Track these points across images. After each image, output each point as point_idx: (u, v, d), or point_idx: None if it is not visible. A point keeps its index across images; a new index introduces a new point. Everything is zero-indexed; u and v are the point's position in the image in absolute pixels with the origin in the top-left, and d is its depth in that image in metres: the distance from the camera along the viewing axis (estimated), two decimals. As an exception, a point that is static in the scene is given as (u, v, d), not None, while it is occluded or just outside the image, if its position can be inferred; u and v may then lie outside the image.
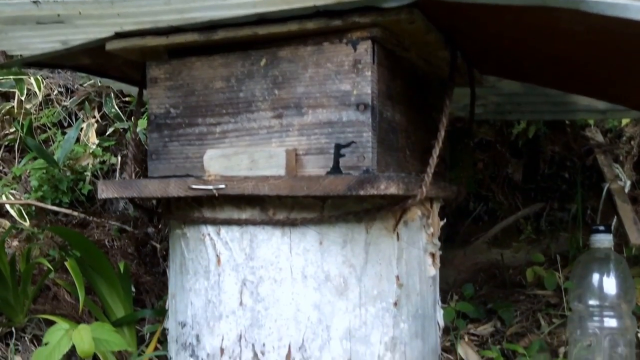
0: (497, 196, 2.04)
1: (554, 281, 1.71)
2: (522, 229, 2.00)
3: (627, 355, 1.35)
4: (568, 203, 1.97)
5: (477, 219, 2.10)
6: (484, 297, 1.79)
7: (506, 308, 1.69)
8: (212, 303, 1.13)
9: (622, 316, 1.34)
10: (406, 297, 1.14)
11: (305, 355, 1.08)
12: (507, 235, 1.99)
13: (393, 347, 1.11)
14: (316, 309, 1.08)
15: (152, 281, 1.82)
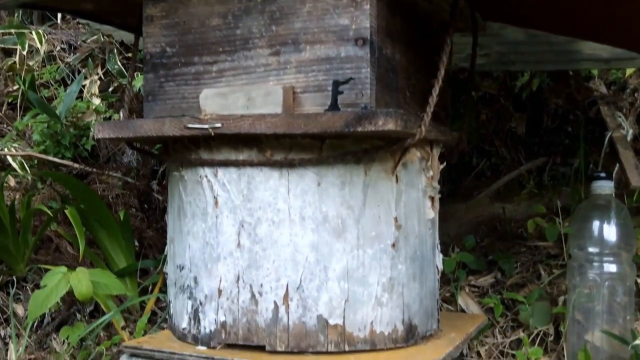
0: (500, 151, 2.03)
1: (555, 232, 1.70)
2: (524, 183, 1.98)
3: (627, 303, 1.35)
4: (571, 157, 1.95)
5: (479, 174, 2.09)
6: (485, 248, 1.79)
7: (507, 259, 1.69)
8: (210, 245, 1.12)
9: (622, 262, 1.33)
10: (404, 239, 1.13)
11: (303, 296, 1.08)
12: (509, 190, 1.98)
13: (391, 288, 1.11)
14: (314, 250, 1.08)
15: (155, 236, 1.82)
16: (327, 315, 1.08)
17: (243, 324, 1.10)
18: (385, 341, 1.12)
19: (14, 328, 1.32)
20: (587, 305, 1.38)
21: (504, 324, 1.54)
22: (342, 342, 1.09)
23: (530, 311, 1.48)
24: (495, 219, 1.92)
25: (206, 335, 1.13)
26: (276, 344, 1.08)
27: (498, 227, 1.90)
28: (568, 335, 1.39)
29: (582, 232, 1.37)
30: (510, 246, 1.78)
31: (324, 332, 1.08)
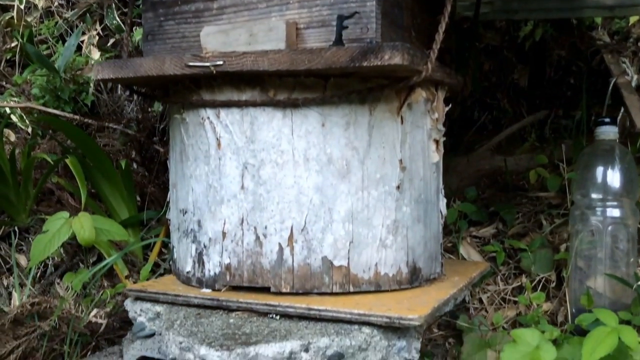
0: (502, 103, 2.01)
1: (556, 183, 1.69)
2: (526, 136, 1.97)
3: (629, 249, 1.35)
4: (573, 109, 1.94)
5: (481, 128, 2.07)
6: (486, 200, 1.78)
7: (508, 209, 1.69)
8: (213, 188, 1.11)
9: (625, 208, 1.33)
10: (409, 182, 1.12)
11: (308, 237, 1.07)
12: (510, 143, 1.97)
13: (395, 230, 1.11)
14: (318, 191, 1.07)
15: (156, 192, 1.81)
16: (331, 257, 1.08)
17: (248, 266, 1.10)
18: (389, 283, 1.12)
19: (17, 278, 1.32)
20: (589, 252, 1.37)
21: (505, 272, 1.54)
22: (347, 283, 1.09)
23: (532, 258, 1.48)
24: (496, 172, 1.91)
25: (211, 278, 1.13)
26: (281, 285, 1.08)
27: (499, 180, 1.89)
28: (570, 281, 1.39)
29: (585, 178, 1.36)
30: (512, 197, 1.77)
31: (328, 274, 1.08)
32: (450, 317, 1.40)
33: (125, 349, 1.17)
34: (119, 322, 1.26)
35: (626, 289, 1.34)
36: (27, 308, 1.08)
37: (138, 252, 1.55)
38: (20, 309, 1.07)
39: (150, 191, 1.80)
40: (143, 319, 1.13)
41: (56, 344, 1.12)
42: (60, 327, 1.12)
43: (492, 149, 1.96)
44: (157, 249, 1.43)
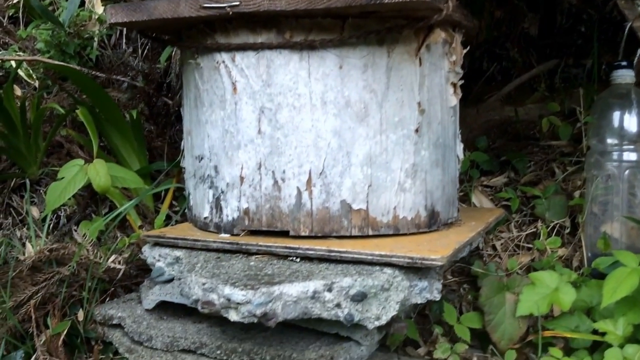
0: (512, 53, 1.99)
1: (568, 131, 1.69)
2: (535, 86, 1.96)
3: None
4: (583, 58, 1.92)
5: (490, 79, 2.05)
6: (497, 150, 1.77)
7: (520, 158, 1.68)
8: (230, 133, 1.10)
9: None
10: (427, 125, 1.11)
11: (326, 181, 1.07)
12: (520, 93, 1.95)
13: (413, 174, 1.10)
14: (336, 135, 1.06)
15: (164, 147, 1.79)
16: (350, 201, 1.08)
17: (266, 210, 1.09)
18: (408, 226, 1.11)
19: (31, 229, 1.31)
20: (604, 198, 1.37)
21: (519, 219, 1.54)
22: (366, 226, 1.09)
23: (546, 205, 1.48)
24: (506, 123, 1.90)
25: (229, 223, 1.12)
26: (300, 229, 1.08)
27: (509, 130, 1.88)
28: (585, 227, 1.39)
29: (601, 123, 1.35)
30: (523, 147, 1.77)
31: (347, 217, 1.08)
32: (464, 264, 1.41)
33: (144, 294, 1.17)
34: (135, 270, 1.26)
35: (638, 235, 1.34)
36: (45, 254, 1.08)
37: (149, 203, 1.55)
38: (38, 255, 1.07)
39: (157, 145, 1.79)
40: (162, 264, 1.13)
41: (75, 290, 1.13)
42: (79, 272, 1.12)
43: (501, 100, 1.94)
44: (169, 198, 1.43)
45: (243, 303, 0.88)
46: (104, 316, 1.15)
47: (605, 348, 1.09)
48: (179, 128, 1.85)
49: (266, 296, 0.89)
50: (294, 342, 1.05)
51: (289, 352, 1.01)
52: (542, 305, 1.14)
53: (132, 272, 1.25)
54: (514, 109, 1.87)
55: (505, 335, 1.17)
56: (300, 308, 0.91)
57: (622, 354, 1.04)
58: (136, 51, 2.10)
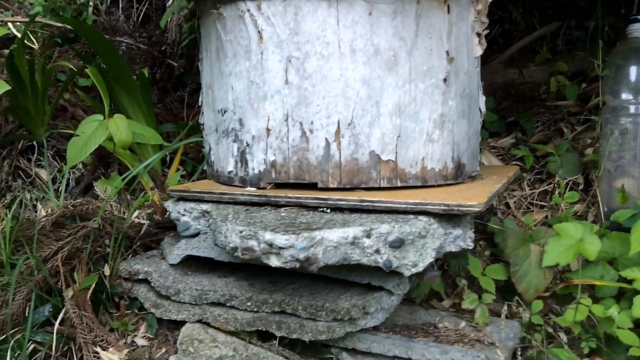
0: (514, 15, 1.98)
1: (575, 91, 1.70)
2: (538, 49, 1.96)
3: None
4: (586, 20, 1.92)
5: (491, 42, 2.04)
6: (503, 111, 1.78)
7: (528, 119, 1.69)
8: (255, 84, 1.08)
9: (658, 105, 1.33)
10: (455, 75, 1.11)
11: (355, 132, 1.06)
12: (523, 56, 1.95)
13: (441, 125, 1.10)
14: (365, 84, 1.05)
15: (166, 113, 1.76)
16: (379, 151, 1.06)
17: (294, 162, 1.08)
18: (435, 177, 1.11)
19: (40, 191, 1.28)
20: (618, 154, 1.38)
21: (531, 177, 1.55)
22: (395, 177, 1.08)
23: (559, 162, 1.49)
24: (510, 85, 1.91)
25: (255, 176, 1.11)
26: (328, 180, 1.07)
27: (513, 93, 1.88)
28: (601, 182, 1.40)
29: (617, 77, 1.36)
30: (529, 108, 1.77)
31: (376, 168, 1.07)
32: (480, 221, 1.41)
33: (168, 250, 1.15)
34: (155, 228, 1.24)
35: (655, 187, 1.35)
36: (70, 209, 1.05)
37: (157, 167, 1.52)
38: (62, 210, 1.04)
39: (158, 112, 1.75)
40: (187, 218, 1.11)
41: (99, 246, 1.10)
42: (104, 227, 1.09)
43: (504, 63, 1.94)
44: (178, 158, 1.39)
45: (286, 247, 0.87)
46: (129, 271, 1.13)
47: (631, 296, 1.11)
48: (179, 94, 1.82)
49: (308, 241, 0.87)
50: (325, 293, 1.04)
51: (321, 302, 1.01)
52: (568, 255, 1.15)
53: (151, 230, 1.23)
54: (519, 71, 1.88)
55: (531, 285, 1.18)
56: (341, 254, 0.90)
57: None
58: (129, 18, 2.06)
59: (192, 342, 1.05)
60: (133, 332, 1.12)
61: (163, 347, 1.10)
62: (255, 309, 1.05)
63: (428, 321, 1.14)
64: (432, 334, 1.10)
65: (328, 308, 1.00)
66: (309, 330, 1.01)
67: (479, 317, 1.13)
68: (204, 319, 1.08)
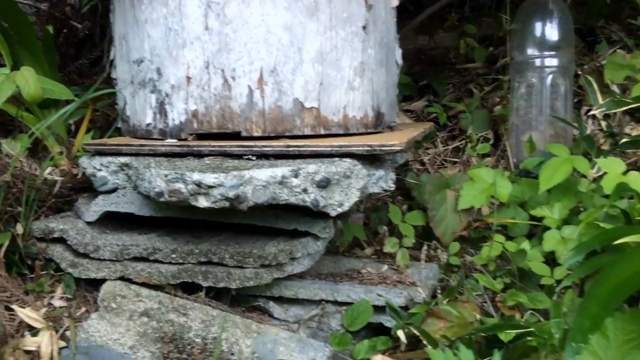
0: (423, -17, 2.03)
1: (483, 54, 1.76)
2: (446, 16, 2.02)
3: (567, 99, 1.43)
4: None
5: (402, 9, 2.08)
6: (415, 75, 1.82)
7: (439, 81, 1.74)
8: (174, 31, 1.06)
9: (563, 57, 1.40)
10: (373, 23, 1.12)
11: (278, 79, 1.05)
12: (432, 23, 2.00)
13: (362, 73, 1.11)
14: (287, 30, 1.04)
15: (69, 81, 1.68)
16: (302, 99, 1.06)
17: (216, 111, 1.06)
18: (357, 126, 1.12)
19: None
20: (525, 109, 1.45)
21: (444, 135, 1.60)
22: (318, 125, 1.08)
23: (470, 119, 1.54)
24: (421, 51, 1.96)
25: (175, 127, 1.08)
26: (252, 129, 1.06)
27: (424, 58, 1.93)
28: (510, 135, 1.46)
29: (523, 32, 1.42)
30: (440, 72, 1.83)
31: (300, 116, 1.07)
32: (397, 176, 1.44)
33: (84, 208, 1.11)
34: (67, 190, 1.18)
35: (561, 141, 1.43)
36: (-24, 164, 0.99)
37: (62, 133, 1.44)
38: (-32, 165, 0.98)
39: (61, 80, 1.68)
40: (104, 173, 1.07)
41: (10, 205, 1.04)
42: (15, 184, 1.03)
43: (415, 29, 1.99)
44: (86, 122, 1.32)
45: (215, 186, 0.85)
46: (43, 230, 1.07)
47: (541, 234, 1.17)
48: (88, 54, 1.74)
49: (238, 179, 0.86)
50: (252, 241, 1.04)
51: (248, 248, 1.00)
52: (481, 198, 1.19)
53: (63, 192, 1.17)
54: (428, 38, 1.93)
55: (448, 229, 1.22)
56: (270, 193, 0.90)
57: (560, 234, 1.11)
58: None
59: (115, 298, 1.02)
60: (50, 294, 1.07)
61: (83, 306, 1.06)
62: (180, 261, 1.02)
63: (352, 268, 1.16)
64: (357, 279, 1.12)
65: (255, 254, 0.99)
66: (236, 278, 1.00)
67: (400, 259, 1.17)
68: (126, 275, 1.04)
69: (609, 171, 1.08)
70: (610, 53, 1.61)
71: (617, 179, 1.06)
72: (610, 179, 1.06)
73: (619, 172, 1.08)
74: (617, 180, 1.06)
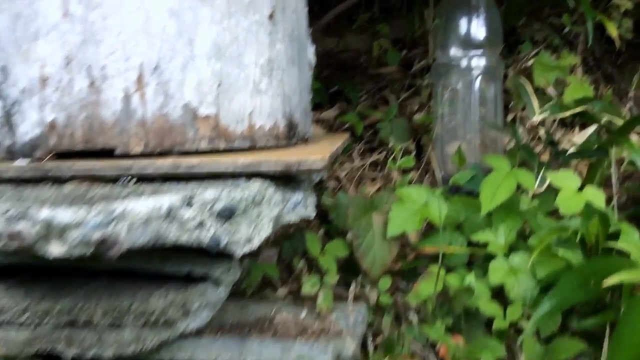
0: (329, -19, 1.85)
1: (397, 57, 1.60)
2: (355, 17, 1.85)
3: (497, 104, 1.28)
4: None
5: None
6: (325, 80, 1.63)
7: (352, 87, 1.56)
8: (24, 18, 0.80)
9: (491, 57, 1.25)
10: (282, 12, 0.91)
11: (163, 79, 0.82)
12: (340, 24, 1.83)
13: (270, 72, 0.90)
14: (174, 16, 0.81)
15: None
16: (196, 104, 0.84)
17: (82, 121, 0.81)
18: (266, 138, 0.91)
19: None
20: (450, 115, 1.29)
21: (361, 147, 1.41)
22: (217, 137, 0.86)
23: (389, 128, 1.37)
24: (329, 54, 1.78)
25: (27, 144, 0.82)
26: (130, 144, 0.82)
27: (333, 62, 1.75)
28: (435, 146, 1.30)
29: (446, 30, 1.26)
30: (352, 76, 1.65)
31: (193, 126, 0.84)
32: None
33: None
34: None
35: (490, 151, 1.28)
36: None
37: None
38: None
39: None
40: None
41: None
42: None
43: (322, 31, 1.80)
44: None
45: (73, 226, 0.61)
46: None
47: (482, 262, 1.00)
48: None
49: (105, 214, 0.62)
50: (132, 291, 0.79)
51: (127, 302, 0.76)
52: (413, 222, 1.01)
53: None
54: (337, 40, 1.75)
55: (376, 260, 1.02)
56: (152, 231, 0.66)
57: (508, 264, 0.95)
58: None
59: (-57, 376, 0.75)
60: None
61: None
62: (38, 322, 0.77)
63: (263, 315, 0.93)
64: (269, 330, 0.89)
65: (137, 310, 0.76)
66: (111, 343, 0.75)
67: (322, 302, 0.95)
68: (-39, 343, 0.77)
69: (562, 187, 0.92)
70: (535, 54, 1.49)
71: (573, 196, 0.91)
72: (565, 197, 0.91)
73: (574, 188, 0.92)
74: (573, 198, 0.90)
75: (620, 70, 1.53)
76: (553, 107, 1.07)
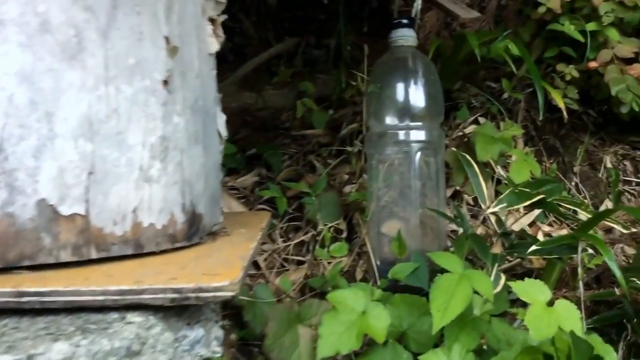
0: (246, 26, 1.66)
1: (323, 118, 1.42)
2: (275, 70, 1.66)
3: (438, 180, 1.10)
4: (326, 38, 1.67)
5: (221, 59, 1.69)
6: (241, 142, 1.42)
7: (273, 152, 1.35)
8: None
9: (431, 129, 1.07)
10: (181, 77, 0.70)
11: (7, 167, 0.59)
12: (258, 78, 1.63)
13: (164, 154, 0.68)
14: (26, 82, 0.59)
15: None
16: (55, 200, 0.61)
17: None
18: (157, 240, 0.68)
19: None
20: (384, 191, 1.10)
21: (283, 225, 1.20)
22: (86, 244, 0.63)
23: (317, 204, 1.16)
24: (245, 111, 1.57)
25: None
26: (-43, 258, 0.58)
27: (250, 120, 1.55)
28: (370, 228, 1.10)
29: (381, 96, 1.08)
30: (272, 138, 1.44)
31: (51, 231, 0.61)
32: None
33: None
34: None
35: (431, 233, 1.10)
36: None
37: None
38: None
39: None
40: None
41: None
42: None
43: (237, 84, 1.61)
44: None
45: None
46: None
47: (434, 387, 0.80)
48: None
49: None
50: None
51: None
52: (350, 338, 0.80)
53: None
54: (255, 95, 1.55)
55: (305, 391, 0.80)
56: None
57: (468, 395, 0.75)
58: None
59: None
60: None
61: None
62: None
63: None
64: None
65: None
66: None
67: None
68: None
69: (530, 301, 0.74)
70: (472, 121, 1.33)
71: (544, 314, 0.72)
72: (535, 316, 0.72)
73: (544, 302, 0.74)
74: (544, 317, 0.72)
75: (563, 142, 1.40)
76: (509, 198, 0.90)
